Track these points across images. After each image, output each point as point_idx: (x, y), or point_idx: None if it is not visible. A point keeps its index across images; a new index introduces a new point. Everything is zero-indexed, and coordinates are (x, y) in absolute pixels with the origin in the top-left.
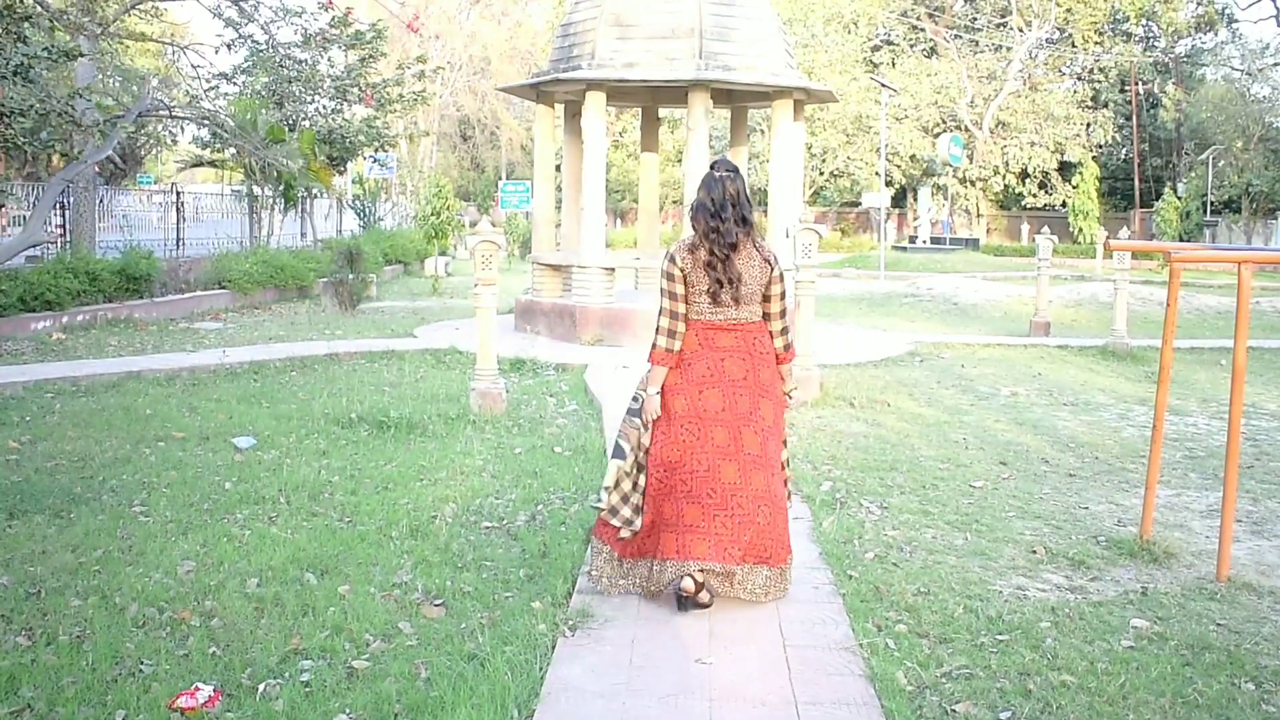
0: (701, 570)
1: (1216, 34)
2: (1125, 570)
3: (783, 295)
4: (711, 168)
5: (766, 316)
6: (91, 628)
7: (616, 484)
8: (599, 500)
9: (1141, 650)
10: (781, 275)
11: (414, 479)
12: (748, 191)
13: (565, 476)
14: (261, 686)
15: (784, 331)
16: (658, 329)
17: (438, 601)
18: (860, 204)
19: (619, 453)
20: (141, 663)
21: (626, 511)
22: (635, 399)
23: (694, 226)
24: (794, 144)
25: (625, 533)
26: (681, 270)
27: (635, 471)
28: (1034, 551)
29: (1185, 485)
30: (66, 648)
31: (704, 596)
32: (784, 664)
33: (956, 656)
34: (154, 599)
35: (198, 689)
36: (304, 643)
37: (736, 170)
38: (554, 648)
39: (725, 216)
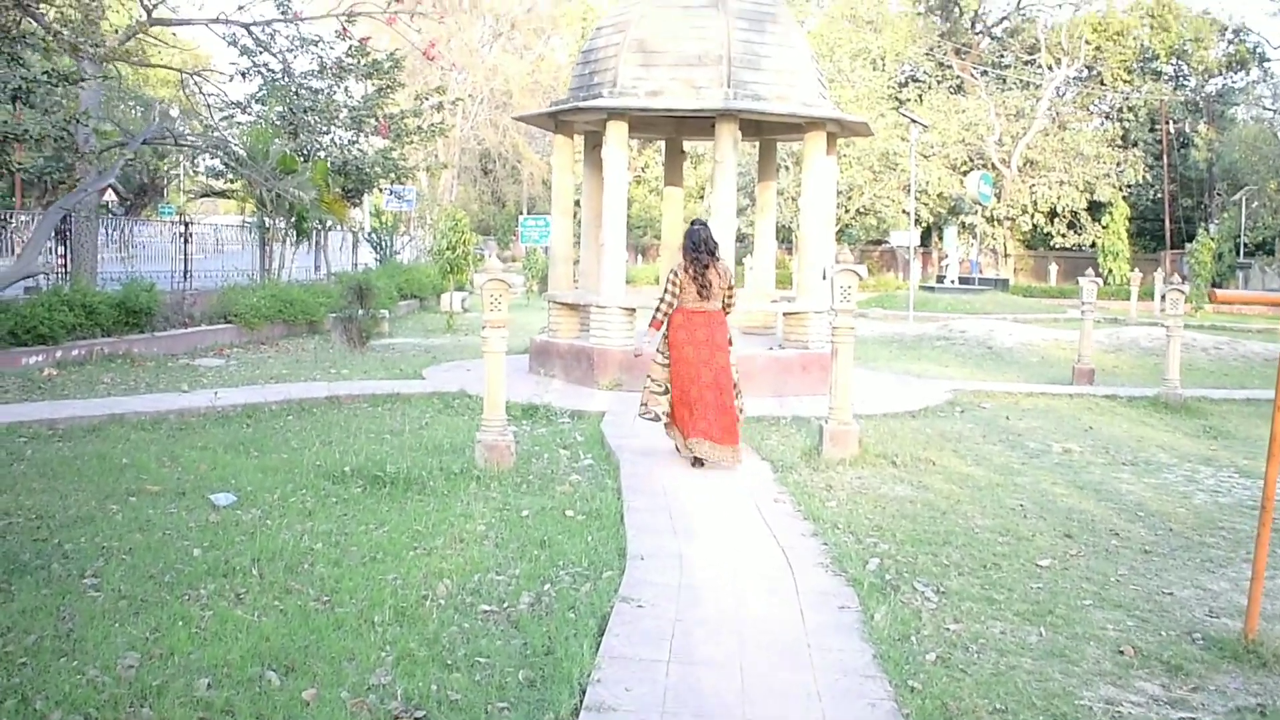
0: (702, 444)
1: (1248, 73)
2: (1231, 678)
3: (732, 294)
4: (691, 224)
5: (725, 307)
6: None
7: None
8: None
9: None
10: (731, 284)
11: (406, 548)
12: (712, 236)
13: (577, 547)
14: None
15: (731, 309)
16: (657, 308)
17: (418, 713)
18: (886, 242)
19: (648, 384)
20: None
21: (660, 409)
22: (659, 349)
23: (684, 257)
24: (826, 178)
25: (664, 418)
26: (679, 279)
27: (664, 392)
28: (1121, 652)
29: None
30: None
31: (706, 456)
32: None
33: None
34: (81, 705)
35: None
36: None
37: (706, 224)
38: None
39: (702, 251)
